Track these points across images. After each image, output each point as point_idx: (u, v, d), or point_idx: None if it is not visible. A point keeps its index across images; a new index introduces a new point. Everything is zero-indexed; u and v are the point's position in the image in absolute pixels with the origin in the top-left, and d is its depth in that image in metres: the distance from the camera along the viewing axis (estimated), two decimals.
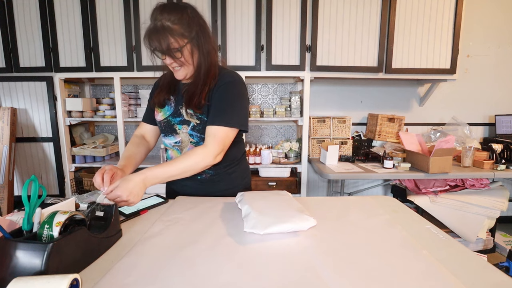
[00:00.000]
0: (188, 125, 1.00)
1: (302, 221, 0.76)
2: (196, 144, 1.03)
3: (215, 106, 0.96)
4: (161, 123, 1.07)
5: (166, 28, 0.86)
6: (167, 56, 0.89)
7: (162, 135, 1.09)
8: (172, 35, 0.86)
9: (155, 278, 0.58)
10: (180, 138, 1.04)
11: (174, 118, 1.03)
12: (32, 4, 2.11)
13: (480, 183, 2.13)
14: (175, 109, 1.03)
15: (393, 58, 2.19)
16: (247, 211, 0.83)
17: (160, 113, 1.07)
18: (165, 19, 0.86)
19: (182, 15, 0.88)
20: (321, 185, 2.76)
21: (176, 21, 0.87)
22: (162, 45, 0.86)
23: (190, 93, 0.97)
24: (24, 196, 0.61)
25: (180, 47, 0.88)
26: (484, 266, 0.63)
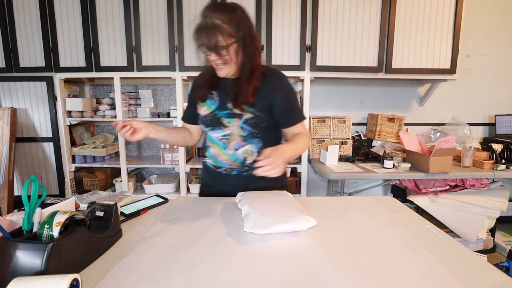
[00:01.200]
0: (239, 119, 1.02)
1: (302, 221, 0.76)
2: (245, 138, 1.04)
3: (287, 107, 1.04)
4: (206, 117, 1.07)
5: (216, 26, 0.89)
6: (213, 53, 0.92)
7: (209, 129, 1.08)
8: (221, 34, 0.89)
9: (155, 278, 0.58)
10: (230, 131, 1.04)
11: (221, 112, 1.05)
12: (32, 4, 2.11)
13: (480, 183, 2.13)
14: (221, 103, 1.05)
15: (393, 58, 2.19)
16: (247, 211, 0.83)
17: (203, 108, 1.08)
18: (215, 18, 0.89)
19: (232, 15, 0.91)
20: (321, 185, 2.76)
21: (226, 20, 0.90)
22: (210, 42, 0.89)
23: (235, 92, 1.00)
24: (24, 196, 0.61)
25: (227, 45, 0.91)
26: (484, 266, 0.63)
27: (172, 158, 2.29)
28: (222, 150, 1.07)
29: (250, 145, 1.05)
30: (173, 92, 2.55)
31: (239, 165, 1.08)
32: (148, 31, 2.11)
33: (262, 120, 1.03)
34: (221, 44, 0.90)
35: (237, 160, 1.07)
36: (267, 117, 1.04)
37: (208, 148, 1.12)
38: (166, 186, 2.31)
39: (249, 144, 1.05)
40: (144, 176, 2.72)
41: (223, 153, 1.07)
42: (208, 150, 1.12)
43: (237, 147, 1.05)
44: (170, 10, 2.08)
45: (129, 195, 1.06)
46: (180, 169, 2.27)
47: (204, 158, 1.16)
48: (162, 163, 2.32)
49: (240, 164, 1.08)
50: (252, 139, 1.05)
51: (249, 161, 1.07)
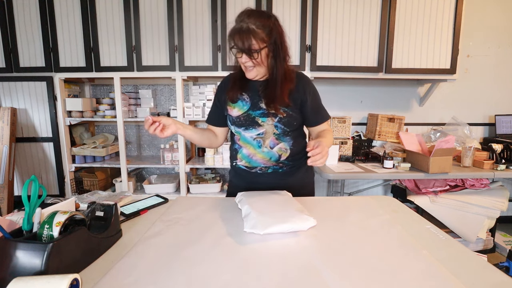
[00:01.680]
0: (274, 117, 1.07)
1: (302, 221, 0.76)
2: (279, 136, 1.10)
3: (315, 107, 1.14)
4: (239, 117, 1.10)
5: (251, 30, 0.95)
6: (246, 55, 0.98)
7: (242, 129, 1.11)
8: (254, 38, 0.96)
9: (155, 278, 0.58)
10: (264, 130, 1.09)
11: (254, 112, 1.09)
12: (32, 4, 2.11)
13: (480, 183, 2.13)
14: (253, 103, 1.09)
15: (393, 58, 2.19)
16: (247, 211, 0.83)
17: (234, 109, 1.11)
18: (251, 23, 0.96)
19: (266, 22, 0.98)
20: (321, 185, 2.76)
21: (261, 26, 0.96)
22: (244, 45, 0.96)
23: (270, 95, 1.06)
24: (24, 196, 0.61)
25: (259, 49, 0.97)
26: (484, 266, 0.63)
27: (172, 158, 2.29)
28: (257, 149, 1.11)
29: (283, 143, 1.11)
30: (173, 92, 2.55)
31: (273, 162, 1.12)
32: (148, 31, 2.12)
33: (293, 119, 1.09)
34: (254, 48, 0.96)
35: (272, 157, 1.11)
36: (298, 116, 1.11)
37: (240, 150, 1.15)
38: (166, 186, 2.31)
39: (282, 142, 1.11)
40: (144, 176, 2.72)
41: (258, 152, 1.11)
42: (241, 151, 1.14)
43: (272, 145, 1.10)
44: (170, 10, 2.08)
45: (129, 195, 1.06)
46: (180, 169, 2.27)
47: (235, 160, 1.18)
48: (162, 163, 2.32)
49: (275, 161, 1.12)
50: (284, 137, 1.11)
51: (284, 158, 1.12)
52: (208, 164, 2.27)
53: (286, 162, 1.14)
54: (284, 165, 1.14)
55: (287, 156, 1.12)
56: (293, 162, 1.15)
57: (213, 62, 2.13)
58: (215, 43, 2.11)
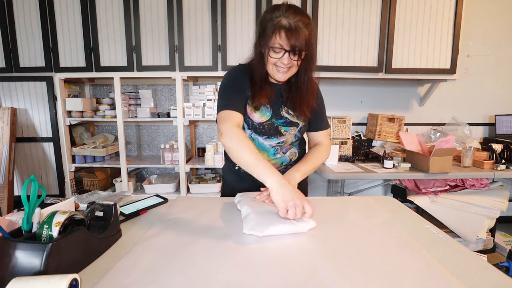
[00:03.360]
0: (296, 127, 1.06)
1: (301, 223, 0.76)
2: (293, 144, 1.10)
3: (319, 113, 1.10)
4: (263, 125, 1.03)
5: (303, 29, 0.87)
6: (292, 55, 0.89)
7: (263, 137, 1.04)
8: (306, 38, 0.88)
9: (155, 278, 0.58)
10: (285, 139, 1.07)
11: (277, 120, 1.04)
12: (32, 4, 2.11)
13: (480, 183, 2.12)
14: (274, 111, 1.03)
15: (393, 58, 2.19)
16: (246, 211, 0.83)
17: (256, 114, 1.02)
18: (300, 22, 0.87)
19: (310, 22, 0.90)
20: (321, 185, 2.76)
21: (306, 26, 0.88)
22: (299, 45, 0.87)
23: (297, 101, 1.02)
24: (24, 196, 0.60)
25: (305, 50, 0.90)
26: (484, 266, 0.63)
27: (172, 158, 2.29)
28: (271, 157, 1.07)
29: (294, 147, 1.11)
30: (173, 92, 2.55)
31: (283, 167, 1.11)
32: (148, 31, 2.12)
33: (306, 127, 1.11)
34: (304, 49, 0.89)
35: (284, 162, 1.10)
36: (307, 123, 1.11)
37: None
38: (166, 186, 2.31)
39: (294, 147, 1.11)
40: (144, 176, 2.72)
41: (271, 158, 1.08)
42: None
43: (285, 150, 1.09)
44: (170, 10, 2.08)
45: (129, 195, 1.06)
46: (180, 169, 2.27)
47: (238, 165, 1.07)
48: (162, 163, 2.32)
49: (285, 165, 1.11)
50: (295, 142, 1.11)
51: (293, 161, 1.11)
52: (208, 164, 2.27)
53: (292, 163, 1.12)
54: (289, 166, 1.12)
55: (296, 159, 1.12)
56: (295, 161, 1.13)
57: (213, 62, 2.13)
58: (215, 43, 2.11)
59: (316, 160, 1.06)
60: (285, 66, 0.91)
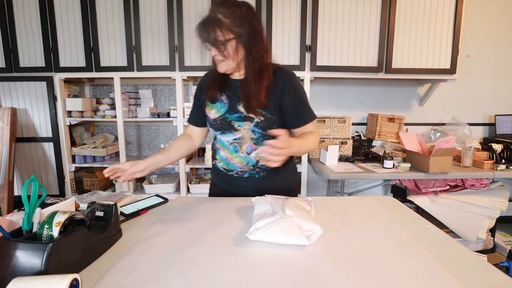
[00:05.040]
0: (251, 122, 1.00)
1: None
2: (256, 141, 1.03)
3: (296, 107, 1.02)
4: (216, 120, 1.04)
5: (217, 20, 0.88)
6: (213, 47, 0.91)
7: (219, 132, 1.06)
8: (219, 28, 0.88)
9: (155, 278, 0.58)
10: (241, 135, 1.03)
11: (231, 115, 1.02)
12: (32, 4, 2.11)
13: (480, 183, 2.12)
14: (230, 105, 1.02)
15: (393, 58, 2.19)
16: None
17: (212, 110, 1.06)
18: (218, 12, 0.89)
19: (236, 10, 0.90)
20: (321, 185, 2.76)
21: (228, 15, 0.89)
22: (209, 36, 0.89)
23: (246, 93, 0.98)
24: (24, 196, 0.61)
25: (224, 40, 0.89)
26: (484, 266, 0.63)
27: None
28: (234, 154, 1.05)
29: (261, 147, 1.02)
30: (173, 92, 2.55)
31: (251, 167, 1.07)
32: (148, 31, 2.11)
33: (273, 122, 1.01)
34: (219, 39, 0.89)
35: (249, 163, 1.06)
36: (278, 118, 1.02)
37: (218, 151, 1.10)
38: (166, 186, 2.31)
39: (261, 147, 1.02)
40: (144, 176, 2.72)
41: (235, 156, 1.05)
42: (219, 153, 1.09)
43: (249, 150, 1.04)
44: (170, 10, 2.08)
45: (129, 195, 1.07)
46: (180, 169, 2.27)
47: (215, 160, 1.13)
48: None
49: (253, 166, 1.06)
50: (264, 142, 1.03)
51: (261, 163, 1.06)
52: (208, 164, 2.27)
53: (264, 168, 1.07)
54: (261, 170, 1.07)
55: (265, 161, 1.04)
56: (271, 168, 1.06)
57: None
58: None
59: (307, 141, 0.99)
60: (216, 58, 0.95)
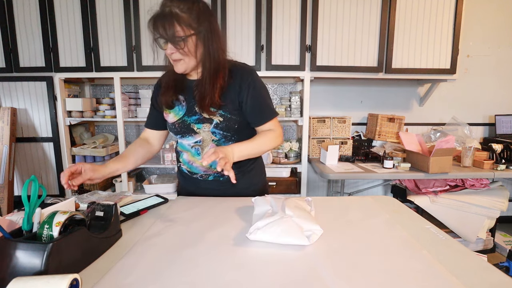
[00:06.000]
0: (210, 123, 0.97)
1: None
2: (218, 142, 0.99)
3: (254, 105, 0.98)
4: (175, 124, 1.01)
5: (174, 14, 0.83)
6: (171, 43, 0.85)
7: (179, 136, 1.03)
8: (179, 23, 0.83)
9: (155, 278, 0.58)
10: (201, 137, 0.99)
11: (189, 118, 0.99)
12: (32, 4, 2.11)
13: (480, 183, 2.12)
14: (189, 108, 0.99)
15: (393, 58, 2.19)
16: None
17: (170, 114, 1.02)
18: (174, 6, 0.84)
19: (192, 5, 0.86)
20: (321, 185, 2.76)
21: (186, 10, 0.84)
22: (167, 32, 0.83)
23: (200, 93, 0.94)
24: (24, 196, 0.61)
25: (185, 36, 0.85)
26: (484, 266, 0.63)
27: (172, 158, 2.29)
28: (196, 157, 1.02)
29: None
30: None
31: (214, 170, 1.03)
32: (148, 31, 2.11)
33: (233, 122, 0.97)
34: (178, 35, 0.84)
35: (212, 165, 1.01)
36: (238, 117, 0.98)
37: (181, 154, 1.06)
38: (166, 186, 2.31)
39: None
40: (144, 176, 2.72)
41: (197, 159, 1.02)
42: (182, 155, 1.06)
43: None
44: None
45: (129, 195, 1.06)
46: None
47: (179, 163, 1.10)
48: (162, 163, 2.31)
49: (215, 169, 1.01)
50: (226, 143, 1.00)
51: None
52: None
53: None
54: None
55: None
56: (238, 169, 1.02)
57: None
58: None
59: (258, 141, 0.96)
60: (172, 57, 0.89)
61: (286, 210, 0.78)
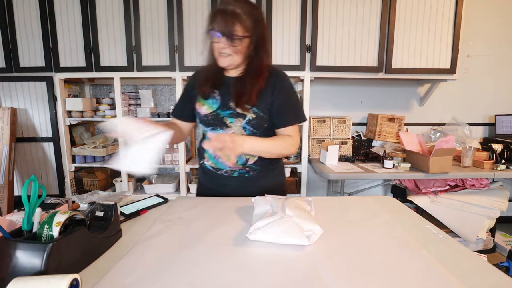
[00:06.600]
0: (243, 118, 1.01)
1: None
2: None
3: (283, 108, 1.03)
4: (207, 116, 1.05)
5: (237, 14, 0.89)
6: (227, 39, 0.91)
7: (209, 129, 1.06)
8: (239, 23, 0.90)
9: (155, 278, 0.58)
10: (232, 131, 1.02)
11: (223, 111, 1.03)
12: (32, 4, 2.11)
13: (480, 183, 2.12)
14: (223, 102, 1.03)
15: (393, 58, 2.19)
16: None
17: (204, 106, 1.06)
18: (237, 7, 0.90)
19: (253, 10, 0.93)
20: (321, 185, 2.76)
21: (247, 13, 0.91)
22: (228, 28, 0.89)
23: (239, 90, 0.99)
24: (24, 196, 0.61)
25: (241, 36, 0.91)
26: (484, 266, 0.63)
27: (172, 158, 2.29)
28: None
29: None
30: (173, 92, 2.55)
31: (240, 166, 1.07)
32: (148, 31, 2.11)
33: (264, 121, 1.02)
34: (236, 33, 0.90)
35: (239, 161, 1.06)
36: (269, 117, 1.03)
37: (207, 149, 1.08)
38: (166, 186, 2.31)
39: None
40: (144, 176, 2.72)
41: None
42: (207, 151, 1.09)
43: None
44: (170, 10, 2.08)
45: (129, 195, 1.06)
46: (180, 169, 2.27)
47: (202, 159, 1.13)
48: (162, 163, 2.32)
49: (242, 165, 1.07)
50: None
51: (251, 162, 1.07)
52: None
53: (254, 167, 1.07)
54: (251, 169, 1.08)
55: (255, 160, 1.06)
56: (261, 167, 1.08)
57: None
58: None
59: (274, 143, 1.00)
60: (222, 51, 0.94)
61: (286, 210, 0.78)
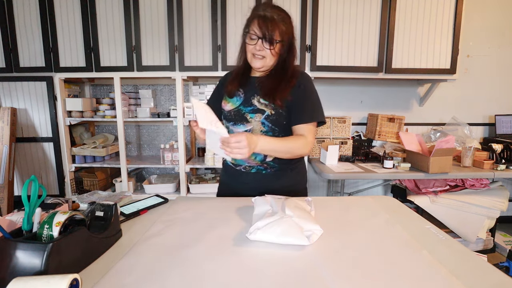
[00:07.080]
0: (262, 114, 1.05)
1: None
2: (265, 134, 1.06)
3: (301, 105, 1.06)
4: (230, 112, 1.11)
5: (277, 21, 0.99)
6: (264, 42, 0.99)
7: (231, 124, 1.11)
8: (278, 29, 0.99)
9: (155, 278, 0.58)
10: (252, 127, 1.07)
11: (245, 108, 1.08)
12: (32, 4, 2.11)
13: (480, 183, 2.12)
14: (246, 99, 1.09)
15: (393, 58, 2.19)
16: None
17: (228, 104, 1.12)
18: (275, 14, 0.99)
19: (288, 19, 1.03)
20: (321, 185, 2.76)
21: (283, 20, 1.01)
22: (268, 32, 0.97)
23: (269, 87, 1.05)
24: (24, 196, 0.61)
25: (279, 41, 1.00)
26: (484, 266, 0.63)
27: (172, 158, 2.29)
28: None
29: None
30: (173, 92, 2.55)
31: (258, 162, 1.10)
32: (148, 31, 2.11)
33: (283, 118, 1.05)
34: (275, 38, 0.99)
35: (257, 157, 1.09)
36: (288, 115, 1.06)
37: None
38: (166, 186, 2.31)
39: None
40: (144, 176, 2.72)
41: None
42: None
43: None
44: (170, 10, 2.08)
45: (129, 195, 1.06)
46: (180, 169, 2.27)
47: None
48: (162, 163, 2.32)
49: (260, 161, 1.09)
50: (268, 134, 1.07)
51: (269, 159, 1.09)
52: (208, 164, 2.27)
53: (272, 164, 1.10)
54: (269, 166, 1.10)
55: (273, 157, 1.09)
56: (279, 165, 1.11)
57: (213, 62, 2.13)
58: (215, 43, 2.11)
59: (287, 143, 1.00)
60: (258, 53, 1.01)
61: (286, 210, 0.78)
